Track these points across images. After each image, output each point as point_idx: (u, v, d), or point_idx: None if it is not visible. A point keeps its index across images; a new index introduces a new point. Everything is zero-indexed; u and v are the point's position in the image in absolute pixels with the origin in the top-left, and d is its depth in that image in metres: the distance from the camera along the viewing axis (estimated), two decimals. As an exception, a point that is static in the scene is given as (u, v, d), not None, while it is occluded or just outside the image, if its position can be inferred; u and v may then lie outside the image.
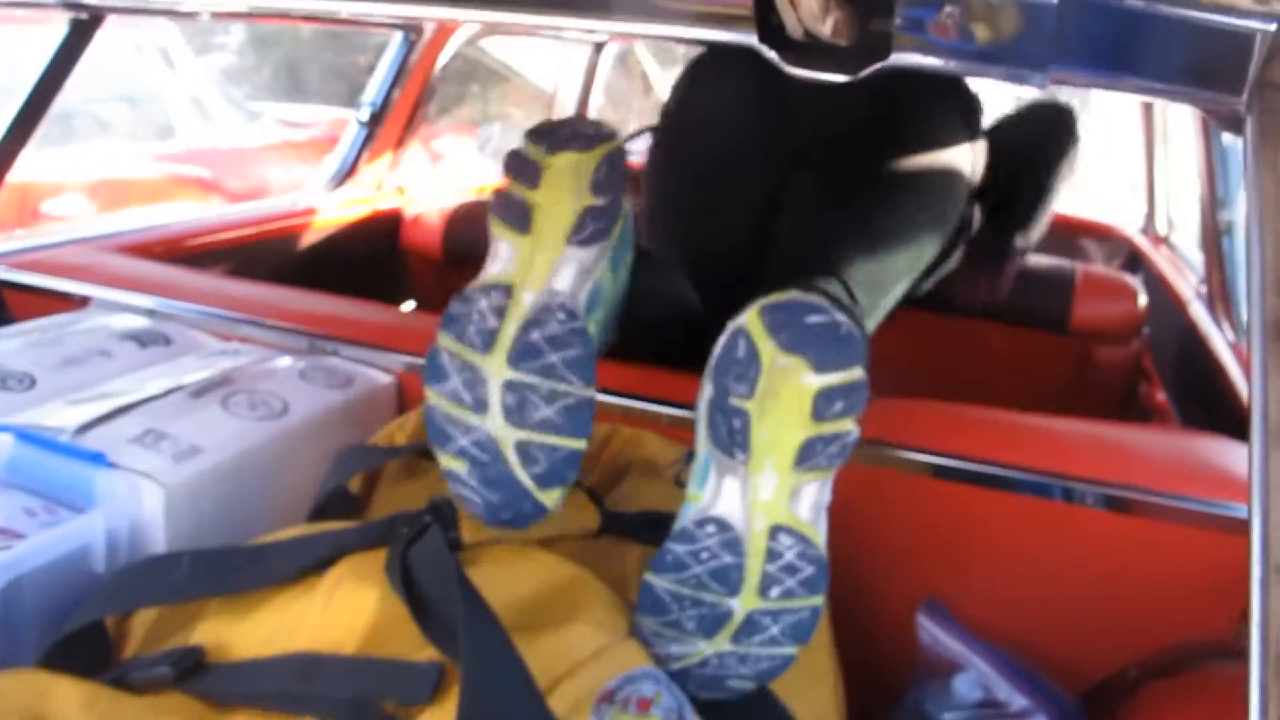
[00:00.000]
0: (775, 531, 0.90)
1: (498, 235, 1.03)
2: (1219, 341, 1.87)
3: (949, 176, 1.52)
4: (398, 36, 2.54)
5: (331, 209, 2.48)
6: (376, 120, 2.58)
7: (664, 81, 4.50)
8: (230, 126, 5.14)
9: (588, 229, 0.99)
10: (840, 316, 0.88)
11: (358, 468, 1.14)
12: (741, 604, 0.90)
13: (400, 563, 0.86)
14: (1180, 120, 2.77)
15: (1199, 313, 2.06)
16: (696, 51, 1.77)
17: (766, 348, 0.88)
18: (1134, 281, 1.94)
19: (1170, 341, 2.19)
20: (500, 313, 0.98)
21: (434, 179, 3.05)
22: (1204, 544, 1.13)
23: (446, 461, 0.97)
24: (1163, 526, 1.15)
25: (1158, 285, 2.43)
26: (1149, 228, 3.06)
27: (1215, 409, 1.76)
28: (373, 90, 2.58)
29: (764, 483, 0.89)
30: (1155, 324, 2.02)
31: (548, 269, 1.00)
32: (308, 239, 2.40)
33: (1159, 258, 2.72)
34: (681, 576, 0.91)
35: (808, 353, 0.87)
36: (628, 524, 1.08)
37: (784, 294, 0.89)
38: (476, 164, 3.48)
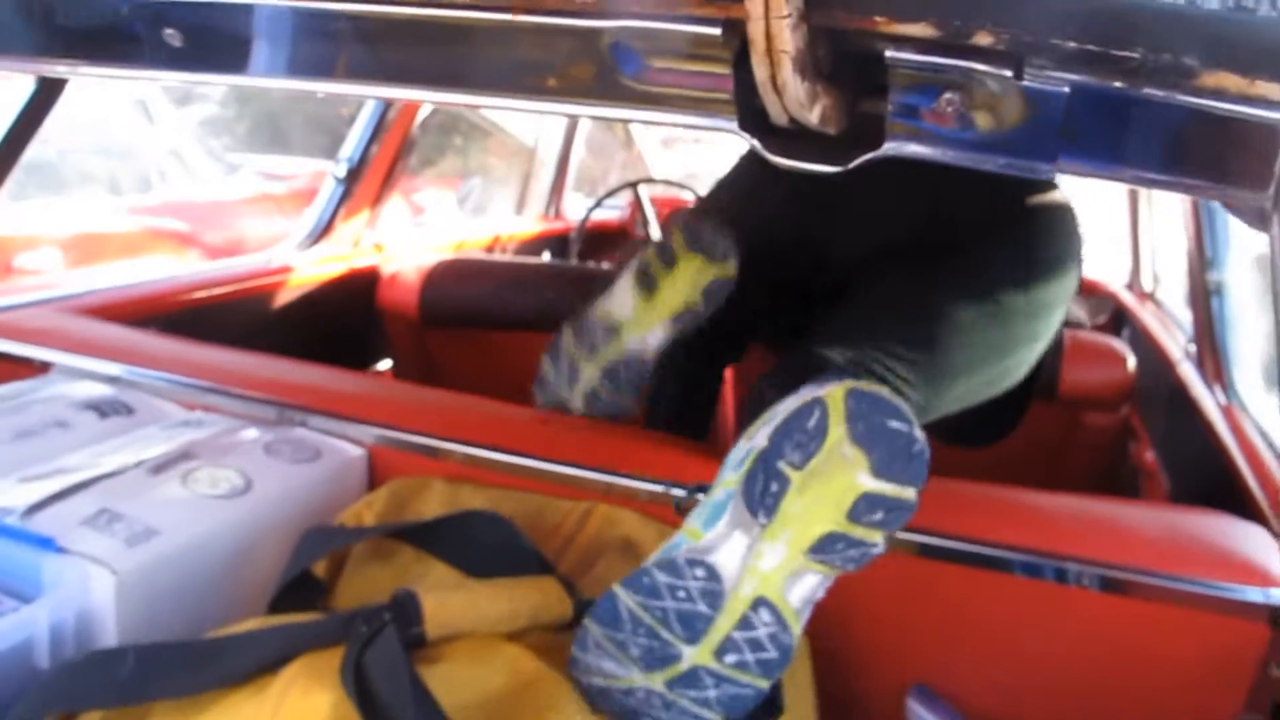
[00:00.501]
0: (759, 603, 0.89)
1: (626, 286, 1.44)
2: (1210, 405, 1.84)
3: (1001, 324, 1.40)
4: (376, 93, 2.51)
5: (306, 267, 2.43)
6: (354, 176, 2.54)
7: (646, 137, 4.50)
8: (209, 179, 5.10)
9: (685, 318, 1.40)
10: (919, 435, 0.88)
11: (322, 551, 1.09)
12: (693, 655, 0.91)
13: (355, 665, 0.81)
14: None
15: (1189, 374, 2.03)
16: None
17: (837, 430, 0.87)
18: (1122, 347, 1.91)
19: (1159, 402, 2.16)
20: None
21: (412, 236, 3.01)
22: (1207, 628, 1.08)
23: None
24: (1162, 609, 1.10)
25: (1145, 343, 2.40)
26: (1134, 283, 3.04)
27: (1208, 475, 1.73)
28: (350, 146, 2.55)
29: (771, 552, 0.89)
30: (1143, 382, 1.98)
31: (649, 328, 1.41)
32: (282, 299, 2.35)
33: (1145, 314, 2.69)
34: (649, 603, 0.92)
35: (874, 453, 0.86)
36: (603, 612, 1.03)
37: (875, 388, 0.89)
38: (456, 218, 3.45)
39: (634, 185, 3.60)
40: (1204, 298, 1.94)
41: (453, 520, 1.11)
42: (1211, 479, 1.69)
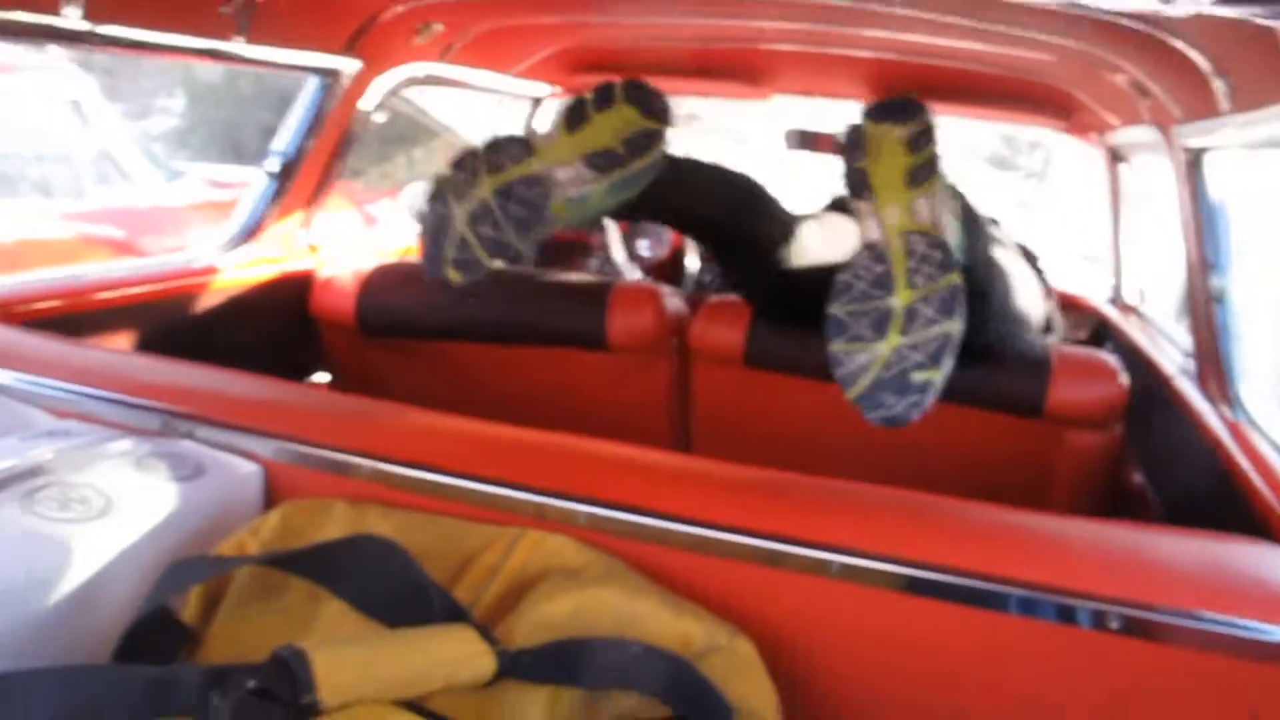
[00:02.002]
0: (906, 235, 1.26)
1: (557, 119, 1.46)
2: (1214, 421, 1.68)
3: None
4: (313, 81, 2.31)
5: (232, 269, 2.23)
6: (287, 172, 2.33)
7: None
8: (150, 184, 4.88)
9: (599, 160, 1.42)
10: (913, 102, 1.34)
11: (184, 585, 0.89)
12: (898, 300, 1.23)
13: None
14: (1154, 180, 2.62)
15: (1186, 388, 1.87)
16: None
17: (869, 126, 1.33)
18: (1114, 361, 1.75)
19: (1152, 420, 2.00)
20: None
21: (352, 238, 2.81)
22: (1254, 679, 0.91)
23: None
24: (1200, 657, 0.93)
25: (1133, 357, 2.25)
26: (1117, 297, 2.90)
27: (1216, 497, 1.57)
28: (283, 138, 2.34)
29: (890, 213, 1.28)
30: (1134, 398, 1.83)
31: (562, 161, 1.41)
32: (204, 303, 2.15)
33: (1131, 328, 2.54)
34: (850, 296, 1.25)
35: (893, 116, 1.34)
36: (530, 662, 0.84)
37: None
38: (402, 224, 3.25)
39: None
40: (1204, 306, 1.79)
41: (343, 548, 0.92)
42: (1220, 501, 1.53)
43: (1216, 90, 1.53)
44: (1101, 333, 2.87)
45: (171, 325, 2.06)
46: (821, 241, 1.58)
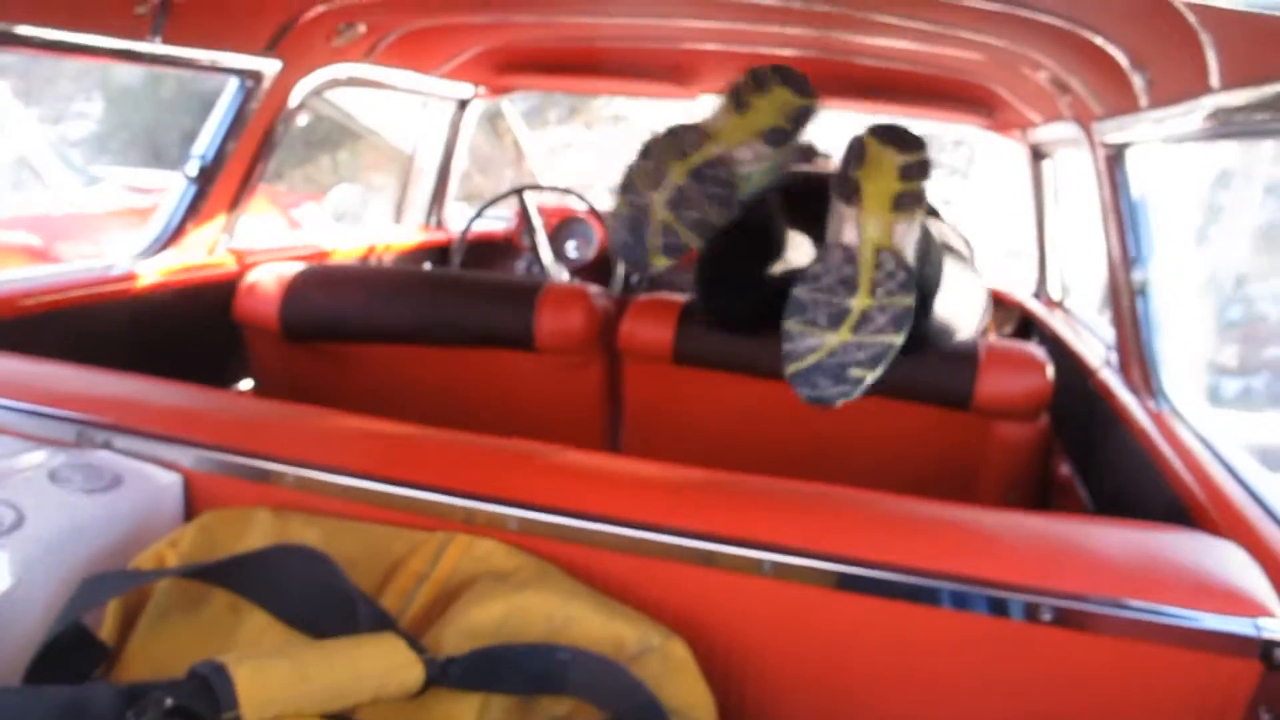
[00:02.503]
0: (879, 251, 1.36)
1: (721, 107, 1.56)
2: (1138, 413, 1.70)
3: None
4: (233, 83, 2.27)
5: (152, 275, 2.18)
6: (207, 175, 2.28)
7: (533, 145, 4.31)
8: (67, 190, 4.76)
9: (772, 137, 1.55)
10: (915, 133, 1.38)
11: (100, 599, 0.87)
12: (858, 302, 1.35)
13: None
14: (1076, 175, 2.66)
15: (1111, 380, 1.90)
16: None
17: (871, 144, 1.37)
18: (1041, 354, 1.77)
19: (1078, 412, 2.03)
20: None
21: (276, 243, 2.76)
22: (1186, 667, 0.92)
23: None
24: (1132, 646, 0.94)
25: (1059, 350, 2.28)
26: (1041, 292, 2.94)
27: (1140, 487, 1.59)
28: (204, 142, 2.29)
29: (871, 225, 1.37)
30: (1060, 391, 1.85)
31: (739, 142, 1.55)
32: (122, 311, 2.10)
33: (1056, 322, 2.58)
34: (816, 285, 1.36)
35: (895, 142, 1.37)
36: (460, 671, 0.83)
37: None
38: (328, 227, 3.20)
39: (519, 192, 3.40)
40: (1128, 299, 1.81)
41: (264, 558, 0.90)
42: (1146, 491, 1.55)
43: (1135, 85, 1.56)
44: (1027, 327, 2.91)
45: (90, 334, 2.01)
46: (794, 249, 1.77)
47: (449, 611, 0.94)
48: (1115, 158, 1.82)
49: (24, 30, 1.60)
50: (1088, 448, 2.01)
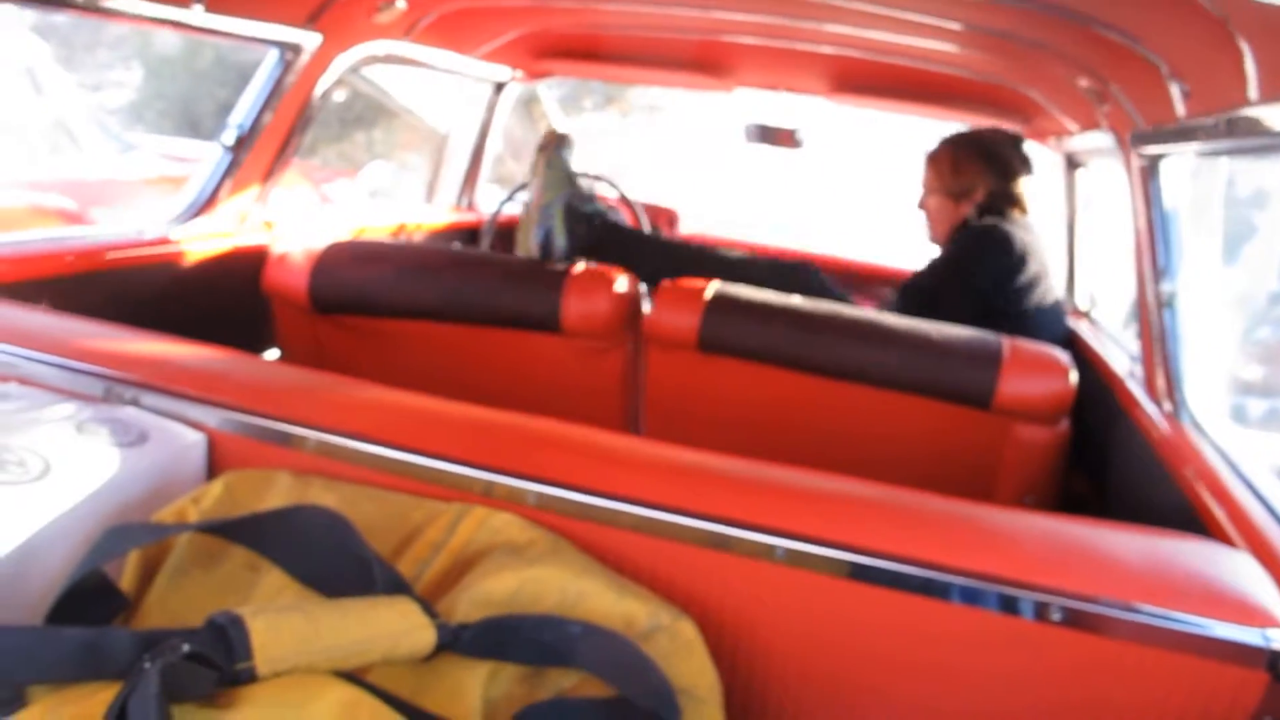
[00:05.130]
0: None
1: None
2: (1159, 423, 1.70)
3: None
4: (272, 54, 2.28)
5: (185, 243, 2.20)
6: (243, 145, 2.30)
7: (569, 129, 4.32)
8: (103, 157, 4.79)
9: None
10: None
11: (120, 549, 0.88)
12: None
13: (119, 713, 0.61)
14: (1106, 186, 2.65)
15: (1134, 391, 1.90)
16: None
17: None
18: (1064, 357, 1.77)
19: (1099, 421, 2.02)
20: None
21: (308, 217, 2.78)
22: (1193, 674, 0.92)
23: None
24: (1140, 651, 0.94)
25: (1083, 358, 2.27)
26: (1069, 302, 2.93)
27: (1157, 496, 1.58)
28: (241, 111, 2.31)
29: None
30: (1083, 397, 1.85)
31: None
32: (154, 276, 2.12)
33: (1082, 330, 2.57)
34: None
35: None
36: (471, 638, 0.84)
37: None
38: (360, 203, 3.22)
39: None
40: (1155, 311, 1.81)
41: (284, 517, 0.91)
42: (1162, 502, 1.55)
43: (1173, 96, 1.55)
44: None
45: (120, 296, 2.03)
46: None
47: (463, 580, 0.95)
48: (1149, 169, 1.81)
49: None
50: (1107, 457, 2.01)
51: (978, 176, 2.43)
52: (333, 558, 0.88)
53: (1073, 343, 2.53)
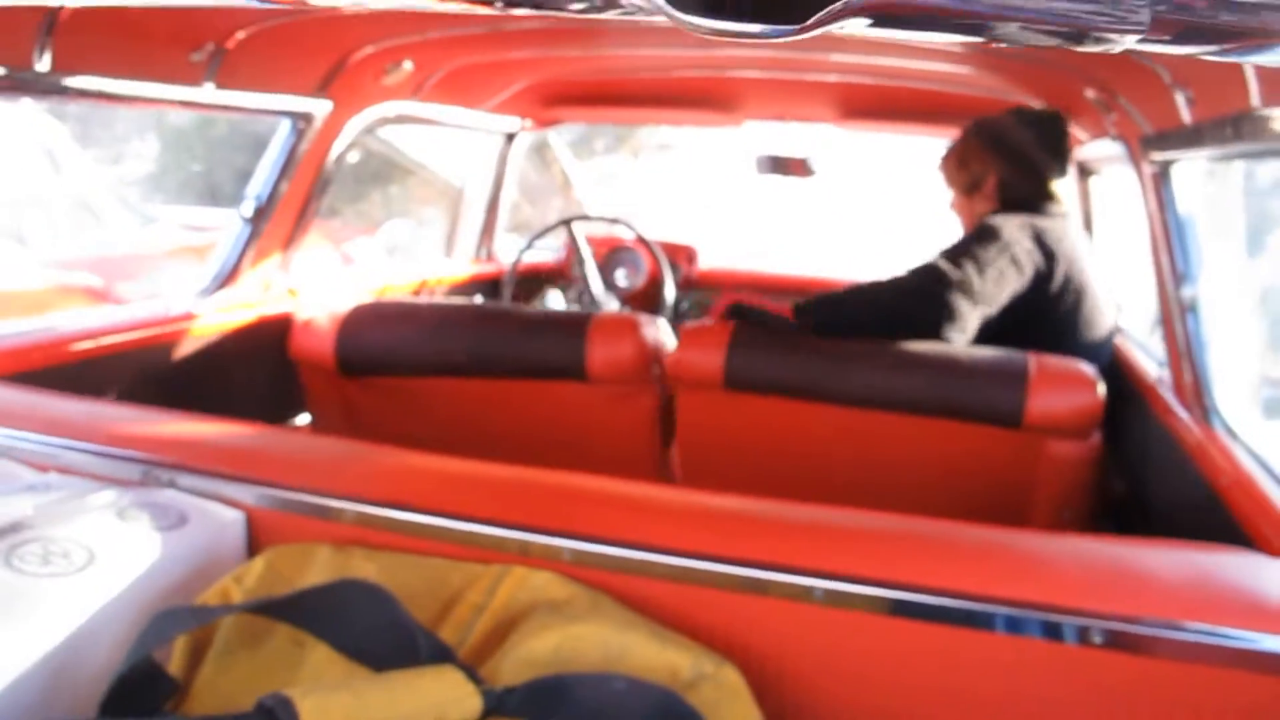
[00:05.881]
0: None
1: None
2: (1191, 430, 1.69)
3: None
4: (285, 124, 2.32)
5: (211, 315, 2.23)
6: (261, 215, 2.33)
7: (581, 174, 4.35)
8: (124, 231, 4.86)
9: None
10: None
11: (169, 635, 0.89)
12: None
13: None
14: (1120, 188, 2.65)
15: (1163, 398, 1.89)
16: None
17: None
18: (1091, 370, 1.76)
19: (1132, 430, 2.02)
20: None
21: (330, 280, 2.81)
22: (1238, 688, 0.92)
23: None
24: (1185, 668, 0.94)
25: (1116, 371, 2.27)
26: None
27: (1194, 506, 1.58)
28: (258, 182, 2.34)
29: None
30: (1113, 408, 1.84)
31: None
32: (183, 350, 2.15)
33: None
34: None
35: None
36: (517, 702, 0.84)
37: None
38: (380, 262, 3.26)
39: (568, 223, 3.44)
40: (1178, 317, 1.80)
41: (326, 593, 0.92)
42: (1201, 510, 1.54)
43: (1178, 102, 1.55)
44: None
45: (151, 373, 2.06)
46: None
47: (506, 642, 0.96)
48: (1161, 175, 1.81)
49: (83, 82, 1.65)
50: (1142, 466, 2.00)
51: (985, 165, 2.21)
52: (376, 629, 0.89)
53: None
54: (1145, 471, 1.98)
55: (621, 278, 3.62)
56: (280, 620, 0.93)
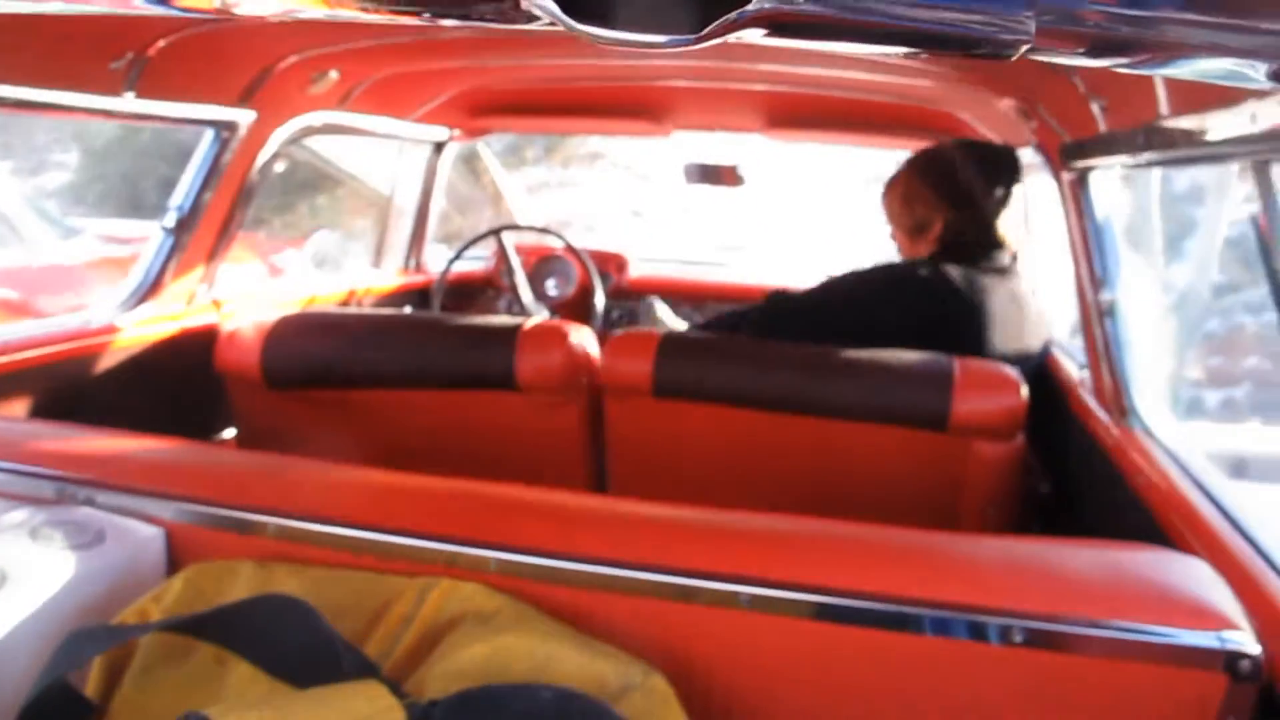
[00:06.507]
0: None
1: None
2: (1111, 431, 1.73)
3: None
4: (208, 134, 2.29)
5: (132, 328, 2.19)
6: (184, 226, 2.29)
7: (511, 185, 4.34)
8: (45, 243, 4.75)
9: None
10: None
11: (84, 656, 0.87)
12: None
13: None
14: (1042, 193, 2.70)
15: (1083, 399, 1.93)
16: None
17: None
18: (1014, 373, 1.79)
19: (1055, 431, 2.05)
20: None
21: (256, 291, 2.77)
22: (1157, 682, 0.94)
23: None
24: (1104, 664, 0.95)
25: (1042, 373, 2.31)
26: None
27: (1115, 506, 1.61)
28: (180, 193, 2.30)
29: None
30: (1037, 412, 1.88)
31: None
32: (103, 364, 2.10)
33: None
34: None
35: None
36: (442, 715, 0.83)
37: None
38: (308, 274, 3.22)
39: (497, 232, 3.43)
40: (1097, 320, 1.84)
41: (247, 609, 0.91)
42: (1118, 509, 1.57)
43: (1093, 111, 1.59)
44: None
45: (71, 389, 2.01)
46: None
47: (432, 655, 0.95)
48: (1079, 181, 1.85)
49: None
50: (1065, 466, 2.04)
51: (930, 210, 2.12)
52: (299, 645, 0.88)
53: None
54: (1069, 472, 2.01)
55: (552, 287, 3.62)
56: (201, 638, 0.92)
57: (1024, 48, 0.54)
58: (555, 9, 0.54)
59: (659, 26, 0.55)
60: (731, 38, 0.53)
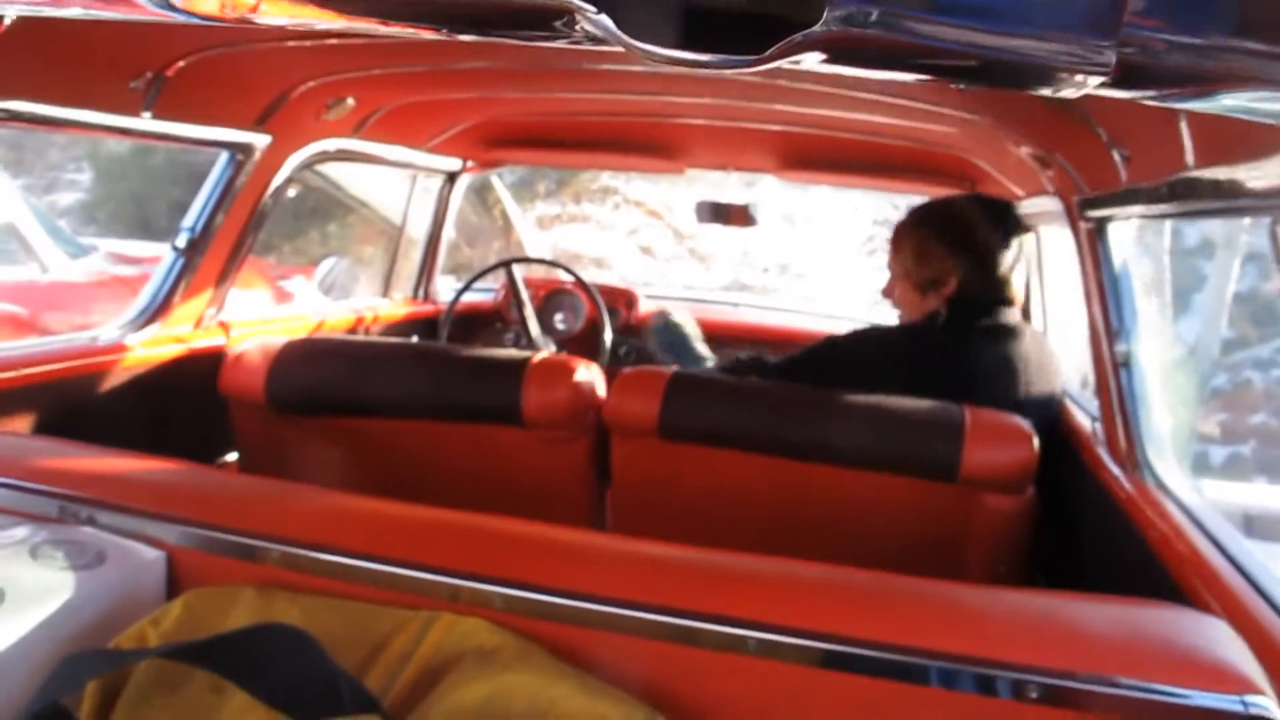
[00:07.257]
0: None
1: None
2: (1125, 486, 1.71)
3: None
4: (223, 156, 2.29)
5: (139, 349, 2.18)
6: (195, 247, 2.29)
7: (521, 218, 4.35)
8: (55, 260, 4.76)
9: None
10: None
11: (80, 680, 0.85)
12: None
13: None
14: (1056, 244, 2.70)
15: (1097, 453, 1.91)
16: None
17: None
18: (1026, 424, 1.77)
19: (1066, 485, 2.03)
20: None
21: (264, 315, 2.77)
22: None
23: None
24: None
25: (1054, 426, 2.29)
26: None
27: (1129, 563, 1.59)
28: (193, 214, 2.30)
29: None
30: (1048, 466, 1.86)
31: None
32: (110, 383, 2.09)
33: None
34: None
35: None
36: (443, 752, 0.82)
37: None
38: (316, 300, 3.22)
39: (507, 265, 3.42)
40: (1111, 372, 1.83)
41: (246, 637, 0.89)
42: (1134, 565, 1.55)
43: (1115, 161, 1.58)
44: None
45: (76, 407, 2.00)
46: None
47: (433, 692, 0.93)
48: (1096, 231, 1.84)
49: (19, 106, 1.61)
50: (1077, 520, 2.01)
51: (947, 264, 2.08)
52: (298, 676, 0.86)
53: None
54: (1080, 526, 1.99)
55: (560, 321, 3.61)
56: (198, 665, 0.90)
57: (1096, 82, 0.52)
58: (613, 27, 0.53)
59: (709, 49, 0.54)
60: (786, 62, 0.52)
